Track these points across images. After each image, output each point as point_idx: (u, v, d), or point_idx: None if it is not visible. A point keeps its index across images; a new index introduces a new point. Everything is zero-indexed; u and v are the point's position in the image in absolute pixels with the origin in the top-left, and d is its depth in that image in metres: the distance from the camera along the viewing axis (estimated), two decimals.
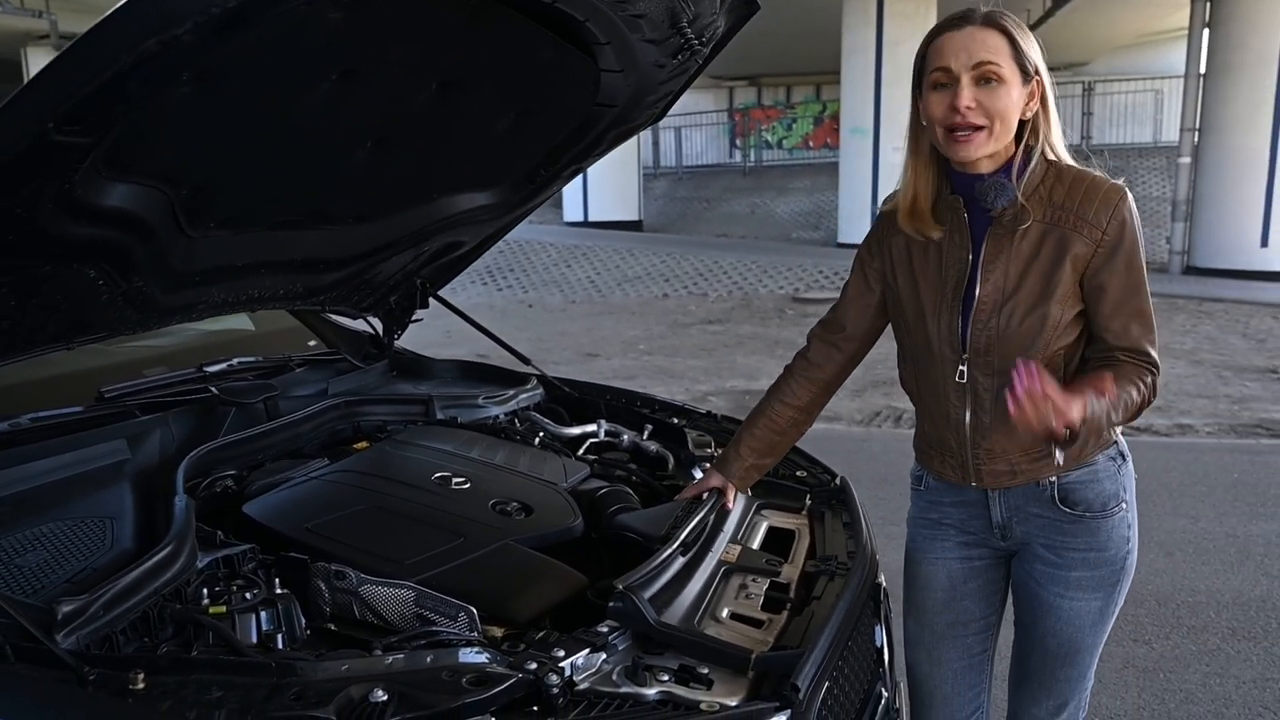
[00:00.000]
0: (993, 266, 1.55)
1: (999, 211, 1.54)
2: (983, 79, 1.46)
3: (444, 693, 1.10)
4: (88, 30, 0.93)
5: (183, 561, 1.31)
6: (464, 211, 2.24)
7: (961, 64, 1.46)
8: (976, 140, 1.48)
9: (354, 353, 2.56)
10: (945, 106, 1.48)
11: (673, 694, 1.21)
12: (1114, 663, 3.10)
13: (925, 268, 1.61)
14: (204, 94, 1.16)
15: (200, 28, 0.96)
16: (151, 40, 0.95)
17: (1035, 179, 1.53)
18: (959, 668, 1.74)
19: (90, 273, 1.36)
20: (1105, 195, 1.51)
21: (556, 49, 1.73)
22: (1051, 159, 1.55)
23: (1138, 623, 3.39)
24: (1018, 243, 1.53)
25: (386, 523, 1.62)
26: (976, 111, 1.46)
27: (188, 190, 1.40)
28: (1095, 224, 1.50)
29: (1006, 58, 1.46)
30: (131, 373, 1.95)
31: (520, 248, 14.98)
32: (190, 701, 1.03)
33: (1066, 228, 1.51)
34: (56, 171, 1.09)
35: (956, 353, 1.59)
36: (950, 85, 1.47)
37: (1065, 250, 1.51)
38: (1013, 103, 1.48)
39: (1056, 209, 1.52)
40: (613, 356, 8.77)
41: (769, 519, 1.90)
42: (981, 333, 1.56)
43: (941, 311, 1.59)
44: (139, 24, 0.95)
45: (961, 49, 1.46)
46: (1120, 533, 1.63)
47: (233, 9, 0.95)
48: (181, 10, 0.95)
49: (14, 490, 1.45)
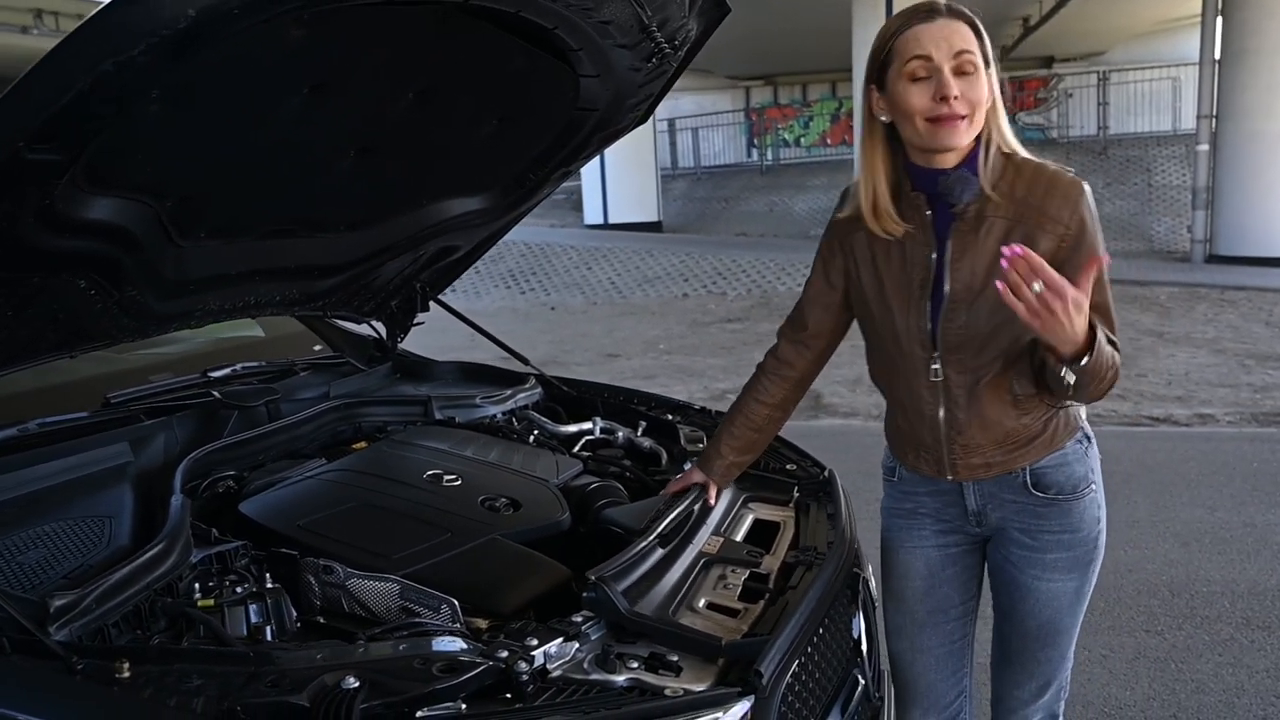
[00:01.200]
0: (960, 264, 1.56)
1: (963, 207, 1.55)
2: (961, 69, 1.48)
3: (415, 680, 1.14)
4: (47, 52, 0.99)
5: (175, 558, 1.36)
6: (456, 217, 2.28)
7: (943, 54, 1.47)
8: (962, 127, 1.49)
9: (358, 356, 2.63)
10: (928, 98, 1.48)
11: (641, 681, 1.25)
12: (1125, 653, 3.10)
13: (889, 265, 1.63)
14: (176, 110, 1.22)
15: (153, 49, 1.01)
16: (108, 61, 1.00)
17: (995, 173, 1.54)
18: (941, 654, 1.77)
19: (80, 283, 1.42)
20: (1065, 190, 1.53)
21: (530, 56, 1.76)
22: (1007, 151, 1.56)
23: (1150, 613, 3.38)
24: (983, 239, 1.55)
25: (377, 519, 1.67)
26: (961, 101, 1.48)
27: (173, 202, 1.46)
28: (1058, 219, 1.52)
29: (976, 48, 1.49)
30: (138, 379, 2.02)
31: (542, 251, 15.09)
32: (171, 689, 1.09)
33: (1031, 224, 1.53)
34: (34, 187, 1.14)
35: (928, 350, 1.61)
36: (932, 76, 1.48)
37: (1031, 246, 1.50)
38: (985, 92, 1.50)
39: (1020, 204, 1.53)
40: (633, 356, 8.82)
41: (755, 511, 1.93)
42: (952, 330, 1.58)
43: (910, 310, 1.61)
44: (94, 46, 1.00)
45: (941, 39, 1.48)
46: (1091, 513, 1.66)
47: (183, 30, 1.00)
48: (134, 32, 0.99)
49: (20, 492, 1.51)
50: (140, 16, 0.98)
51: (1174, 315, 9.77)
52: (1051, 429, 1.62)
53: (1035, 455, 1.62)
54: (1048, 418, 1.62)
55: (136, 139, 1.24)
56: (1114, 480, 5.15)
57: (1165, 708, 2.79)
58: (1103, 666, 3.02)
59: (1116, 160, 17.76)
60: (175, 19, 0.99)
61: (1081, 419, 1.68)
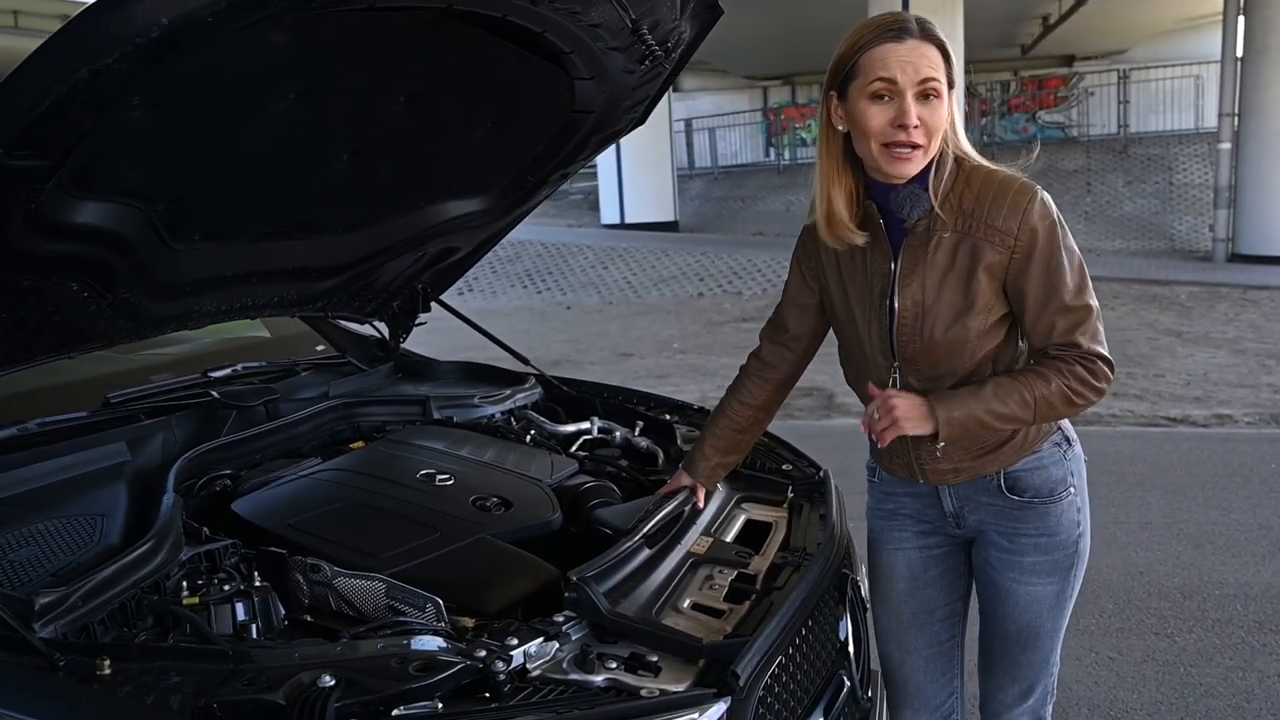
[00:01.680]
0: (910, 279, 1.55)
1: (913, 222, 1.53)
2: (924, 95, 1.44)
3: (391, 679, 1.15)
4: (23, 60, 1.00)
5: (163, 556, 1.38)
6: (454, 218, 2.30)
7: (909, 79, 1.43)
8: (915, 157, 1.47)
9: (361, 356, 2.64)
10: (886, 121, 1.44)
11: (619, 681, 1.26)
12: (1133, 656, 3.07)
13: (853, 274, 1.62)
14: (160, 115, 1.23)
15: (128, 57, 1.02)
16: (83, 69, 1.01)
17: (947, 184, 1.51)
18: (929, 655, 1.76)
19: (72, 286, 1.44)
20: (1013, 199, 1.49)
21: (522, 60, 1.77)
22: (959, 155, 1.53)
23: (1161, 616, 3.35)
24: (932, 253, 1.53)
25: (367, 518, 1.68)
26: (920, 130, 1.44)
27: (163, 205, 1.48)
28: (1006, 231, 1.49)
29: (942, 73, 1.46)
30: (140, 379, 2.05)
31: (558, 251, 15.13)
32: (150, 686, 1.10)
33: (978, 236, 1.50)
34: (18, 193, 1.16)
35: (888, 359, 1.60)
36: (894, 99, 1.44)
37: (978, 259, 1.50)
38: (945, 117, 1.47)
39: (967, 217, 1.50)
40: (647, 356, 8.82)
41: (748, 512, 1.93)
42: (908, 344, 1.57)
43: (871, 319, 1.60)
44: (68, 55, 1.01)
45: (908, 63, 1.43)
46: (1070, 517, 1.64)
47: (157, 39, 1.01)
48: (108, 41, 1.00)
49: (16, 491, 1.54)
50: (114, 25, 1.00)
51: (1194, 315, 9.67)
52: (1022, 435, 1.60)
53: (1006, 460, 1.61)
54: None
55: (121, 144, 1.26)
56: (1127, 482, 5.08)
57: (1173, 712, 2.77)
58: (1110, 669, 3.00)
59: (1137, 159, 17.58)
60: (148, 28, 1.00)
61: (1062, 422, 1.66)
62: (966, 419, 1.47)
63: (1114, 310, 10.27)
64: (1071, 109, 19.94)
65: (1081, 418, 6.02)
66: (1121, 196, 16.87)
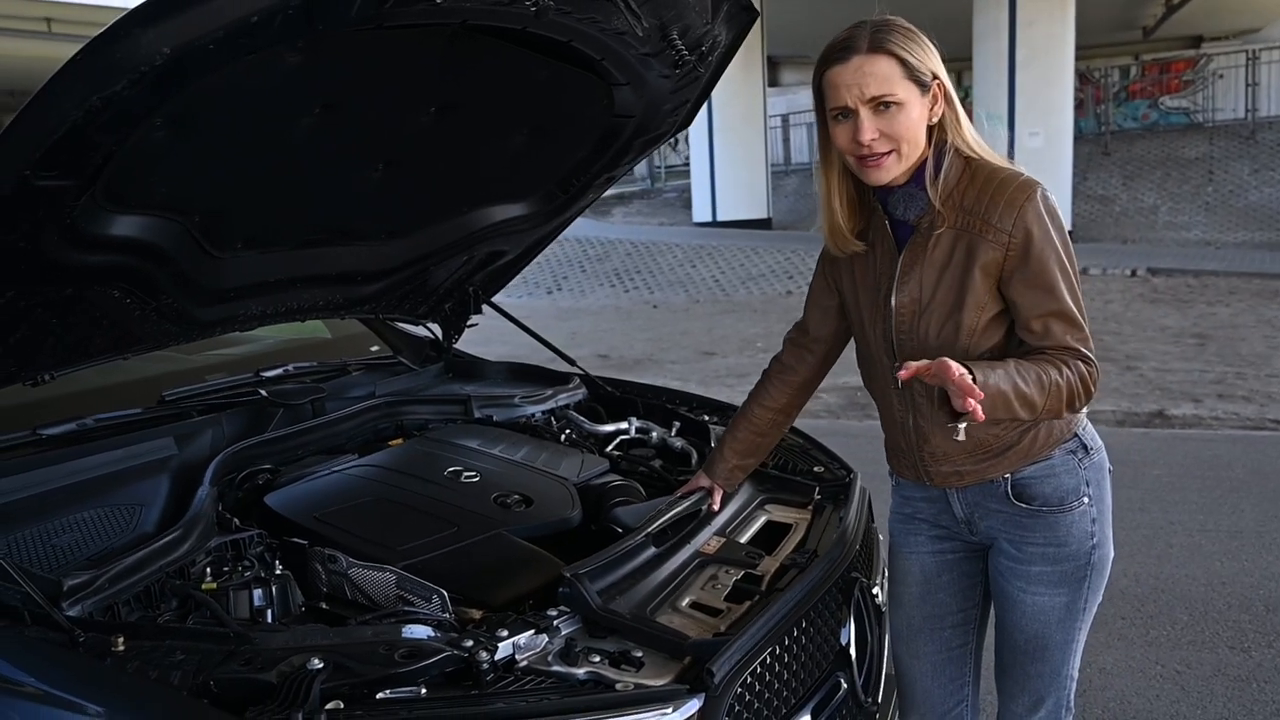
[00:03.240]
0: (909, 276, 1.55)
1: (914, 220, 1.53)
2: (880, 106, 1.45)
3: (378, 664, 1.22)
4: (41, 86, 1.10)
5: (190, 544, 1.48)
6: (499, 223, 2.36)
7: (855, 98, 1.45)
8: (886, 164, 1.48)
9: (413, 357, 2.75)
10: (849, 139, 1.48)
11: (600, 675, 1.30)
12: (1202, 670, 2.94)
13: (864, 275, 1.63)
14: (183, 133, 1.33)
15: (136, 84, 1.11)
16: (94, 97, 1.10)
17: (951, 181, 1.51)
18: (938, 660, 1.74)
19: (114, 293, 1.56)
20: (1010, 197, 1.47)
21: (554, 68, 1.82)
22: (967, 155, 1.52)
23: (1239, 629, 3.19)
24: (931, 250, 1.53)
25: (389, 513, 1.76)
26: (881, 140, 1.46)
27: (199, 217, 1.59)
28: (1001, 228, 1.47)
29: (899, 80, 1.45)
30: (196, 379, 2.18)
31: (647, 250, 15.20)
32: (156, 662, 1.20)
33: (974, 233, 1.49)
34: (50, 210, 1.27)
35: (891, 359, 1.59)
36: (850, 118, 1.47)
37: (974, 256, 1.49)
38: (914, 120, 1.47)
39: (966, 213, 1.50)
40: (729, 355, 8.81)
41: (770, 513, 1.94)
42: (906, 341, 1.57)
43: (876, 319, 1.61)
44: (81, 83, 1.10)
45: (854, 83, 1.44)
46: (1082, 528, 1.59)
47: (162, 67, 1.09)
48: (115, 70, 1.09)
49: (68, 481, 1.67)
50: (120, 55, 1.08)
51: None
52: (1029, 439, 1.56)
53: (1011, 465, 1.58)
54: (1024, 428, 1.56)
55: (149, 162, 1.36)
56: (1222, 487, 4.86)
57: None
58: (1175, 683, 2.88)
59: (1266, 145, 16.55)
60: (151, 56, 1.09)
61: (1079, 428, 1.61)
62: (997, 392, 1.41)
63: (1229, 307, 9.76)
64: (1197, 93, 18.91)
65: (1180, 419, 5.73)
66: (1247, 185, 15.93)
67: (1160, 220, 15.58)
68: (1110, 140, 17.79)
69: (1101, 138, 17.90)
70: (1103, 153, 17.39)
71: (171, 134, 1.33)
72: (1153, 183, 16.46)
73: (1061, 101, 13.83)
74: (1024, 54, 13.21)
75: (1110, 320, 9.28)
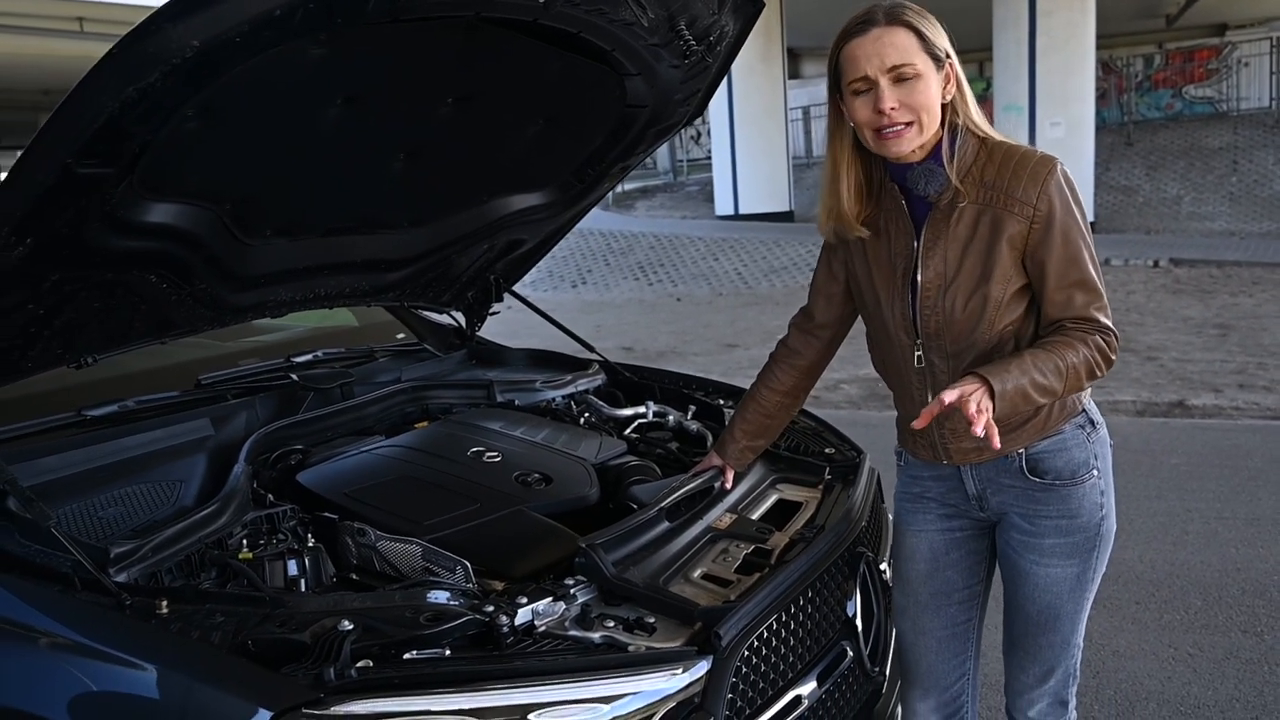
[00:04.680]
0: (932, 252, 1.59)
1: (934, 196, 1.58)
2: (900, 78, 1.50)
3: (405, 626, 1.29)
4: (79, 81, 1.18)
5: (227, 517, 1.57)
6: (518, 211, 2.43)
7: (876, 69, 1.50)
8: (907, 135, 1.53)
9: (438, 343, 2.83)
10: (870, 110, 1.52)
11: (614, 639, 1.37)
12: (1214, 653, 2.97)
13: (879, 256, 1.67)
14: (214, 123, 1.40)
15: (168, 75, 1.18)
16: (129, 89, 1.18)
17: (968, 159, 1.56)
18: (942, 636, 1.79)
19: (152, 278, 1.64)
20: (1033, 170, 1.53)
21: (567, 60, 1.88)
22: (981, 135, 1.57)
23: (1253, 613, 3.22)
24: (954, 226, 1.57)
25: (415, 490, 1.84)
26: (901, 110, 1.51)
27: (231, 205, 1.67)
28: (1025, 200, 1.53)
29: (917, 52, 1.50)
30: (230, 364, 2.27)
31: (670, 243, 15.24)
32: (196, 623, 1.28)
33: (998, 207, 1.54)
34: (92, 197, 1.35)
35: (911, 337, 1.64)
36: (870, 90, 1.51)
37: (1000, 230, 1.54)
38: (933, 94, 1.52)
39: (988, 189, 1.55)
40: (752, 346, 8.85)
41: (782, 492, 2.01)
42: (931, 318, 1.61)
43: (894, 299, 1.65)
44: (116, 76, 1.17)
45: (874, 54, 1.50)
46: (1092, 499, 1.64)
47: (192, 59, 1.17)
48: (148, 63, 1.17)
49: (112, 459, 1.76)
50: (152, 48, 1.16)
51: None
52: (1044, 413, 1.62)
53: (1028, 438, 1.63)
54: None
55: (183, 151, 1.44)
56: (1240, 476, 4.87)
57: (1247, 710, 2.67)
58: (1187, 665, 2.91)
59: None
60: (182, 50, 1.17)
61: (1084, 403, 1.67)
62: (1015, 391, 1.48)
63: (1252, 297, 9.68)
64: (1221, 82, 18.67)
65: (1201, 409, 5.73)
66: (1272, 175, 15.74)
67: (1184, 211, 15.43)
68: (1133, 130, 17.60)
69: (1124, 128, 17.73)
70: (1125, 143, 17.24)
71: (202, 125, 1.41)
72: (1176, 173, 16.30)
73: (1083, 91, 13.73)
74: (1044, 43, 13.13)
75: (1132, 311, 9.24)
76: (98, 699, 1.23)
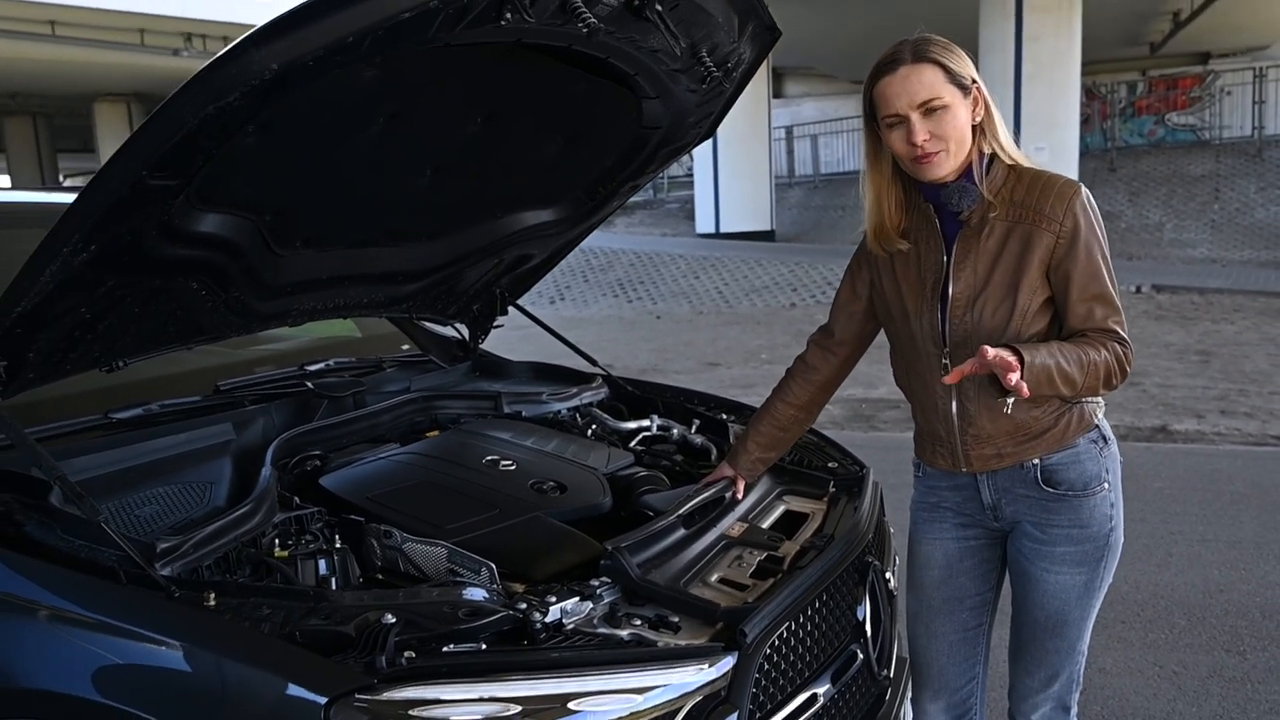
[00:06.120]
0: (963, 266, 1.69)
1: (967, 214, 1.68)
2: (929, 111, 1.61)
3: (443, 621, 1.35)
4: (164, 101, 1.26)
5: (260, 517, 1.61)
6: (529, 227, 2.50)
7: (906, 105, 1.61)
8: (938, 160, 1.64)
9: (442, 355, 2.88)
10: (904, 142, 1.64)
11: (641, 636, 1.42)
12: (1199, 671, 3.05)
13: (907, 273, 1.77)
14: (269, 140, 1.47)
15: (245, 95, 1.25)
16: (209, 106, 1.25)
17: (998, 182, 1.67)
18: (954, 640, 1.87)
19: (193, 285, 1.70)
20: (1060, 190, 1.64)
21: (590, 82, 1.96)
22: (1010, 163, 1.68)
23: (1235, 633, 3.31)
24: (984, 241, 1.68)
25: (436, 495, 1.89)
26: (933, 140, 1.62)
27: (270, 216, 1.72)
28: (1053, 217, 1.64)
29: (944, 85, 1.61)
30: (246, 371, 2.32)
31: (650, 260, 15.34)
32: (245, 615, 1.32)
33: (1028, 224, 1.65)
34: (155, 207, 1.41)
35: (939, 348, 1.73)
36: (903, 123, 1.63)
37: (1030, 244, 1.64)
38: (962, 122, 1.63)
39: (1018, 207, 1.66)
40: (734, 365, 8.94)
41: (788, 503, 2.07)
42: (959, 327, 1.70)
43: (923, 311, 1.74)
44: (200, 95, 1.25)
45: (902, 92, 1.61)
46: (1103, 511, 1.73)
47: (269, 80, 1.24)
48: (230, 83, 1.24)
49: (142, 460, 1.80)
50: (236, 70, 1.24)
51: None
52: (1064, 423, 1.71)
53: (1046, 448, 1.71)
54: (1059, 412, 1.71)
55: (237, 165, 1.50)
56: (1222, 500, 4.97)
57: None
58: (1172, 683, 2.99)
59: (1273, 162, 16.66)
60: (262, 72, 1.24)
61: (1099, 418, 1.76)
62: (1043, 369, 1.57)
63: (1233, 324, 9.89)
64: (1204, 110, 19.07)
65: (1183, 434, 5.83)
66: (1253, 203, 16.06)
67: (1166, 237, 15.72)
68: (1116, 156, 17.93)
69: (1108, 153, 18.05)
70: (1109, 169, 17.55)
71: (259, 139, 1.47)
72: (1158, 199, 16.60)
73: (1067, 117, 13.99)
74: (1030, 68, 13.40)
75: None
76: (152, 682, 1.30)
